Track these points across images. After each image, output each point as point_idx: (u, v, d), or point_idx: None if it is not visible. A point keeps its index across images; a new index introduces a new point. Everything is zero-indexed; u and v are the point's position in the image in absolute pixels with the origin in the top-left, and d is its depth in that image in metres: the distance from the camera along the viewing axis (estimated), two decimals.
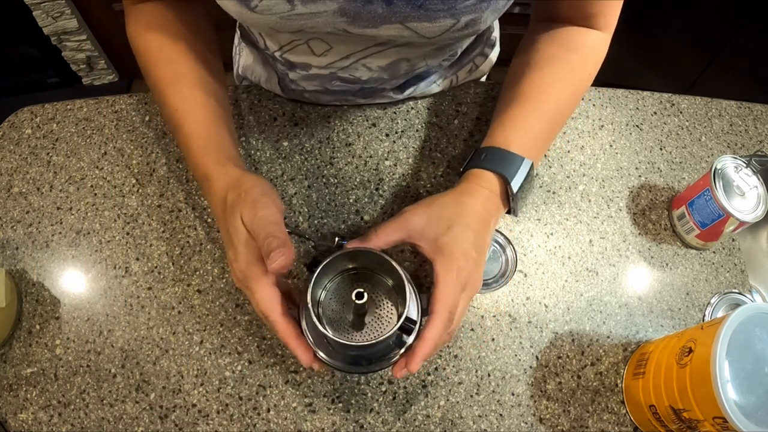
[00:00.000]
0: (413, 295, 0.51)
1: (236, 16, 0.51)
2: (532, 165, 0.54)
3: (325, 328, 0.46)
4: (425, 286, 0.62)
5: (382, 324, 0.51)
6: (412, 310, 0.50)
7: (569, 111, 0.59)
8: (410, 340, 0.49)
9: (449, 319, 0.46)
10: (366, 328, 0.51)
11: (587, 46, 0.58)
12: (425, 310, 0.49)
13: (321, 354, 0.51)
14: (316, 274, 0.48)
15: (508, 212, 0.56)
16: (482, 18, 0.50)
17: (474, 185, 0.52)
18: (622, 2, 0.56)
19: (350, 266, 0.53)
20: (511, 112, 0.56)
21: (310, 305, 0.46)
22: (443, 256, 0.48)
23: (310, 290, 0.47)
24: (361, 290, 0.46)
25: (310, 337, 0.51)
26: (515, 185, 0.53)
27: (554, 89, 0.56)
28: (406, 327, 0.48)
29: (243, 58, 0.74)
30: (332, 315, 0.51)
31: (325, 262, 0.48)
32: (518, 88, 0.57)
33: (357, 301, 0.46)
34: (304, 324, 0.51)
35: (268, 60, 0.68)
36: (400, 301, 0.51)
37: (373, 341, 0.46)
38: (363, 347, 0.48)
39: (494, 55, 0.77)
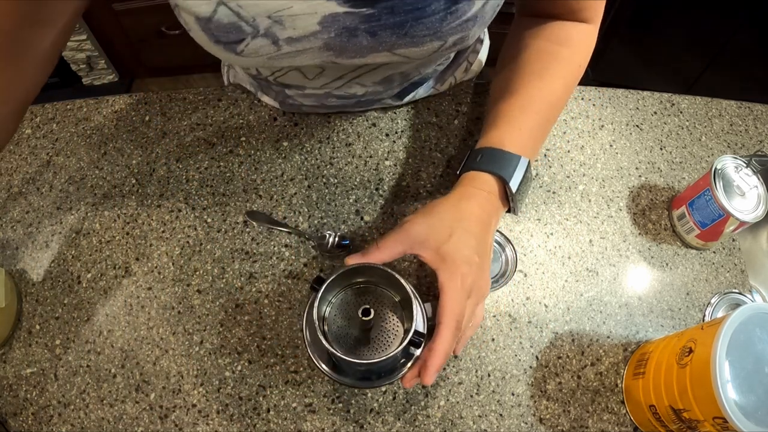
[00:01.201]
0: (419, 306, 0.50)
1: (224, 60, 0.51)
2: (528, 162, 0.53)
3: (331, 346, 0.46)
4: (427, 294, 0.62)
5: (389, 338, 0.50)
6: (419, 321, 0.50)
7: (561, 104, 0.58)
8: (418, 352, 0.49)
9: (457, 328, 0.46)
10: (372, 343, 0.50)
11: (574, 39, 0.57)
12: (431, 320, 0.49)
13: (326, 368, 0.50)
14: (321, 292, 0.47)
15: (508, 211, 0.56)
16: (469, 35, 0.50)
17: (471, 188, 0.52)
18: None
19: (354, 280, 0.52)
20: (503, 109, 0.55)
21: (316, 323, 0.46)
22: (446, 264, 0.47)
23: (316, 307, 0.47)
24: (368, 307, 0.46)
25: (315, 353, 0.51)
26: (513, 185, 0.52)
27: (545, 84, 0.56)
28: (416, 341, 0.47)
29: (233, 71, 0.74)
30: (337, 330, 0.51)
31: (329, 280, 0.48)
32: (508, 84, 0.56)
33: (363, 318, 0.46)
34: (309, 339, 0.51)
35: (262, 84, 0.68)
36: (405, 313, 0.51)
37: (382, 357, 0.46)
38: (372, 363, 0.47)
39: (485, 49, 0.76)
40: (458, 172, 0.55)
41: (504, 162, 0.52)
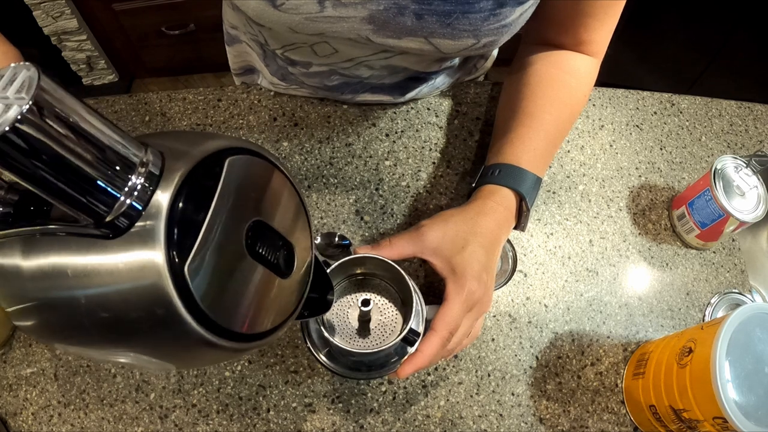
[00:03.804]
0: (419, 305, 0.50)
1: (253, 13, 0.50)
2: (541, 181, 0.55)
3: (328, 333, 0.46)
4: (426, 294, 0.62)
5: (386, 331, 0.51)
6: (417, 320, 0.50)
7: (567, 131, 0.60)
8: (412, 350, 0.49)
9: (447, 339, 0.47)
10: (369, 335, 0.51)
11: (581, 70, 0.60)
12: (429, 322, 0.49)
13: (322, 358, 0.51)
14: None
15: (516, 227, 0.56)
16: (499, 40, 0.51)
17: (491, 202, 0.53)
18: (612, 31, 0.58)
19: (357, 271, 0.52)
20: (517, 129, 0.57)
21: None
22: (456, 276, 0.48)
23: None
24: (368, 298, 0.46)
25: (313, 339, 0.51)
26: (530, 201, 0.54)
27: (555, 109, 0.57)
28: (410, 338, 0.48)
29: (239, 42, 0.73)
30: (336, 320, 0.51)
31: (333, 266, 0.48)
32: (521, 106, 0.58)
33: (363, 308, 0.46)
34: (307, 327, 0.51)
35: (267, 54, 0.67)
36: (405, 310, 0.51)
37: (376, 349, 0.46)
38: (365, 354, 0.48)
39: (492, 57, 0.77)
40: (474, 185, 0.56)
41: (522, 179, 0.54)
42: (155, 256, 0.26)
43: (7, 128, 0.21)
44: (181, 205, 0.27)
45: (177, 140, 0.31)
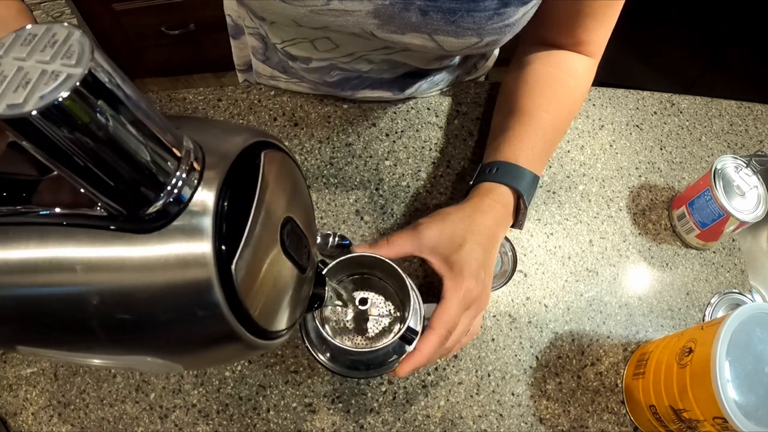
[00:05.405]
0: (417, 304, 0.50)
1: (258, 6, 0.49)
2: (538, 179, 0.55)
3: (326, 332, 0.46)
4: (425, 294, 0.62)
5: (384, 330, 0.51)
6: (415, 319, 0.50)
7: (564, 130, 0.60)
8: (410, 348, 0.49)
9: (445, 337, 0.47)
10: (367, 334, 0.51)
11: (579, 70, 0.60)
12: (428, 321, 0.49)
13: (321, 357, 0.51)
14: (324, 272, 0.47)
15: (513, 226, 0.56)
16: (502, 39, 0.51)
17: (489, 200, 0.53)
18: (611, 31, 0.58)
19: (355, 270, 0.52)
20: (515, 128, 0.57)
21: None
22: (453, 274, 0.48)
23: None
24: (365, 296, 0.47)
25: (312, 338, 0.51)
26: (528, 199, 0.54)
27: (553, 108, 0.58)
28: (408, 337, 0.48)
29: (243, 36, 0.73)
30: (333, 318, 0.51)
31: (330, 265, 0.48)
32: (519, 105, 0.58)
33: (360, 307, 0.47)
34: (305, 326, 0.51)
35: (269, 47, 0.67)
36: (403, 308, 0.51)
37: (374, 348, 0.46)
38: (363, 353, 0.48)
39: (493, 57, 0.77)
40: (471, 182, 0.56)
41: (519, 176, 0.54)
42: (204, 253, 0.24)
43: (55, 101, 0.17)
44: (226, 201, 0.26)
45: (204, 130, 0.29)
